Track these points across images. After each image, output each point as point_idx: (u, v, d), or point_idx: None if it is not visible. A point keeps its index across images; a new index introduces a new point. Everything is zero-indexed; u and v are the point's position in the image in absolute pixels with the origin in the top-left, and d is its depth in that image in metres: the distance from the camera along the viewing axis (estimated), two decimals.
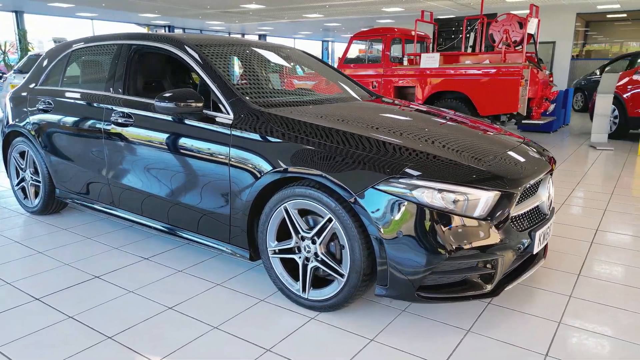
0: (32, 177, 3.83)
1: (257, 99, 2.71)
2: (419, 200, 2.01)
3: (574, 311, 2.38)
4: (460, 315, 2.33)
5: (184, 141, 2.70)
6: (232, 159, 2.49)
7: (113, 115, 3.06)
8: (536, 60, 7.88)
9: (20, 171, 3.93)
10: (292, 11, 18.20)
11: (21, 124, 3.75)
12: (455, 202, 2.02)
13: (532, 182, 2.29)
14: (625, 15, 20.07)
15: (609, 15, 19.90)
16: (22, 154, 3.91)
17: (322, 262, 2.28)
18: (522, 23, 7.56)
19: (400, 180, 2.04)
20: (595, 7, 17.08)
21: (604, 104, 7.75)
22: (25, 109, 3.75)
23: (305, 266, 2.35)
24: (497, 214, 2.09)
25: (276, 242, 2.44)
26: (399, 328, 2.22)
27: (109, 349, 2.05)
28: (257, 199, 2.45)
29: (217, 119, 2.59)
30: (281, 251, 2.43)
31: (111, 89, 3.18)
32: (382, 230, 2.04)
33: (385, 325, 2.24)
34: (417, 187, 2.02)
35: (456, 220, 2.02)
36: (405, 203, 2.01)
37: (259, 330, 2.20)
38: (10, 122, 3.87)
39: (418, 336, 2.15)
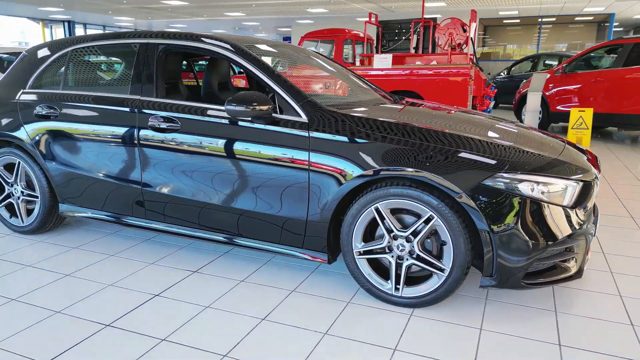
0: (23, 192, 3.39)
1: (322, 100, 2.69)
2: (522, 193, 2.16)
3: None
4: (543, 297, 2.53)
5: (249, 146, 2.60)
6: (312, 162, 2.46)
7: (151, 120, 2.84)
8: (475, 61, 8.54)
9: (6, 186, 3.46)
10: (214, 9, 17.73)
11: (12, 134, 3.30)
12: (551, 192, 2.21)
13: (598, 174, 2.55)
14: (518, 20, 22.35)
15: (505, 21, 22.04)
16: (9, 167, 3.45)
17: (419, 258, 2.34)
18: (464, 27, 8.15)
19: (505, 175, 2.17)
20: (497, 13, 18.79)
21: (534, 101, 8.61)
22: (15, 117, 3.31)
23: (398, 265, 2.40)
24: (581, 202, 2.32)
25: (363, 243, 2.46)
26: (498, 315, 2.36)
27: None
28: (341, 201, 2.45)
29: (291, 122, 2.53)
30: (368, 252, 2.45)
31: (139, 91, 2.93)
32: (491, 223, 2.16)
33: (482, 313, 2.37)
34: (521, 180, 2.17)
35: (553, 210, 2.21)
36: (511, 196, 2.16)
37: (370, 331, 2.21)
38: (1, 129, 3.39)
39: (522, 319, 2.31)
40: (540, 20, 20.89)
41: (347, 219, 2.46)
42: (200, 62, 9.49)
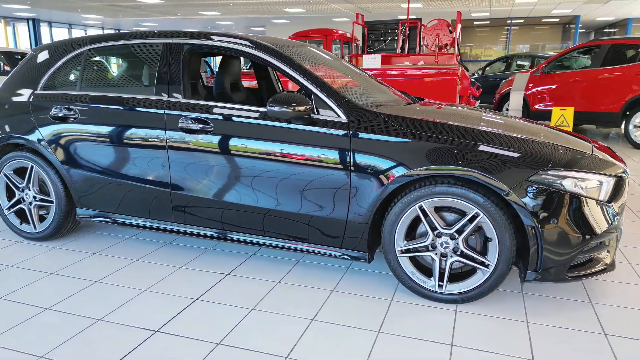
0: (36, 197, 3.26)
1: (358, 100, 2.70)
2: (565, 189, 2.25)
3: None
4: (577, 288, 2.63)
5: (287, 147, 2.59)
6: (354, 162, 2.47)
7: (182, 121, 2.78)
8: (460, 61, 8.74)
9: (16, 191, 3.32)
10: (189, 7, 17.43)
11: (25, 137, 3.17)
12: (589, 188, 2.30)
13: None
14: (488, 22, 22.94)
15: (475, 22, 22.58)
16: (20, 171, 3.31)
17: (463, 255, 2.40)
18: (450, 28, 8.32)
19: (549, 172, 2.25)
20: (470, 15, 19.24)
21: (517, 100, 8.89)
22: (27, 119, 3.18)
23: (442, 262, 2.44)
24: (615, 196, 2.42)
25: (405, 242, 2.49)
26: (538, 308, 2.44)
27: None
28: (384, 200, 2.48)
29: (330, 122, 2.54)
30: (410, 250, 2.49)
31: (166, 92, 2.87)
32: (536, 219, 2.23)
33: (524, 307, 2.44)
34: (564, 177, 2.25)
35: (591, 204, 2.30)
36: (555, 192, 2.24)
37: (422, 328, 2.25)
38: (7, 132, 3.24)
39: (562, 311, 2.39)
40: (509, 22, 21.52)
41: (389, 217, 2.49)
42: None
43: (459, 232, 2.38)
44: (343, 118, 2.54)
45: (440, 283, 2.46)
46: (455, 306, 2.46)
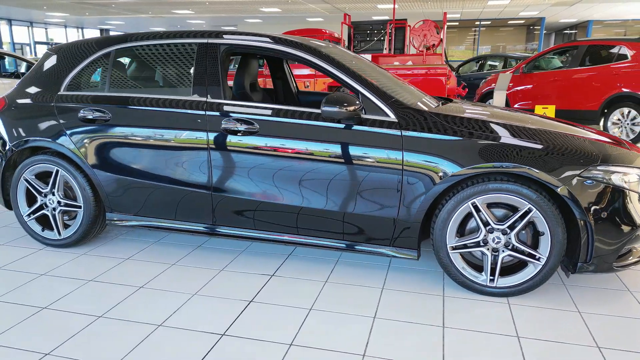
0: (61, 202, 3.14)
1: (403, 100, 2.74)
2: (613, 183, 2.37)
3: None
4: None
5: (338, 147, 2.60)
6: (406, 161, 2.52)
7: (225, 123, 2.75)
8: (446, 61, 8.95)
9: (38, 196, 3.18)
10: (162, 6, 17.08)
11: (52, 140, 3.05)
12: (631, 182, 2.43)
13: None
14: (457, 23, 23.52)
15: (447, 23, 23.10)
16: (41, 176, 3.18)
17: (515, 249, 2.48)
18: (437, 29, 8.51)
19: (599, 167, 2.37)
20: (439, 16, 19.66)
21: (499, 99, 9.16)
22: (53, 121, 3.06)
23: (494, 257, 2.52)
24: None
25: (457, 238, 2.55)
26: (584, 298, 2.55)
27: None
28: (436, 198, 2.53)
29: (379, 121, 2.57)
30: (461, 246, 2.55)
31: (204, 93, 2.83)
32: (588, 212, 2.34)
33: (570, 297, 2.55)
34: (612, 172, 2.37)
35: (635, 197, 2.43)
36: (604, 186, 2.35)
37: (484, 322, 2.31)
38: (24, 136, 3.12)
39: (607, 301, 2.51)
40: (478, 23, 22.13)
41: (441, 215, 2.54)
42: None
43: (511, 227, 2.46)
44: (393, 117, 2.58)
45: (492, 277, 2.53)
46: (507, 299, 2.54)
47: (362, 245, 2.73)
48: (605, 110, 8.07)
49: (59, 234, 3.19)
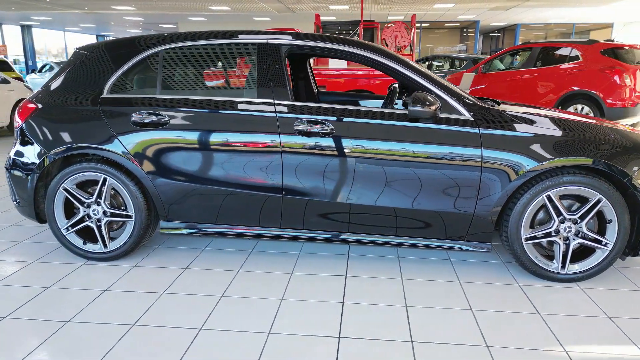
0: (107, 212, 2.93)
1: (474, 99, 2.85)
2: None
3: None
4: None
5: (417, 146, 2.66)
6: (485, 158, 2.63)
7: (297, 124, 2.72)
8: (417, 61, 9.27)
9: (80, 207, 2.95)
10: (100, 1, 16.10)
11: (102, 147, 2.83)
12: None
13: None
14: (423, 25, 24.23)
15: (388, 25, 23.80)
16: (84, 185, 2.95)
17: (585, 237, 2.68)
18: (408, 29, 8.80)
19: None
20: (387, 18, 20.22)
21: None
22: (101, 126, 2.85)
23: (566, 245, 2.70)
24: None
25: (530, 230, 2.71)
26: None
27: None
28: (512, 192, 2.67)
29: (454, 120, 2.67)
30: (534, 237, 2.71)
31: (270, 95, 2.78)
32: None
33: (629, 278, 2.79)
34: None
35: None
36: None
37: (567, 306, 2.48)
38: (66, 143, 2.87)
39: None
40: (420, 25, 23.01)
41: (516, 208, 2.68)
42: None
43: (582, 217, 2.66)
44: (468, 116, 2.69)
45: (562, 264, 2.72)
46: (576, 284, 2.74)
47: (441, 242, 2.81)
48: (560, 107, 8.75)
49: (105, 246, 2.98)
